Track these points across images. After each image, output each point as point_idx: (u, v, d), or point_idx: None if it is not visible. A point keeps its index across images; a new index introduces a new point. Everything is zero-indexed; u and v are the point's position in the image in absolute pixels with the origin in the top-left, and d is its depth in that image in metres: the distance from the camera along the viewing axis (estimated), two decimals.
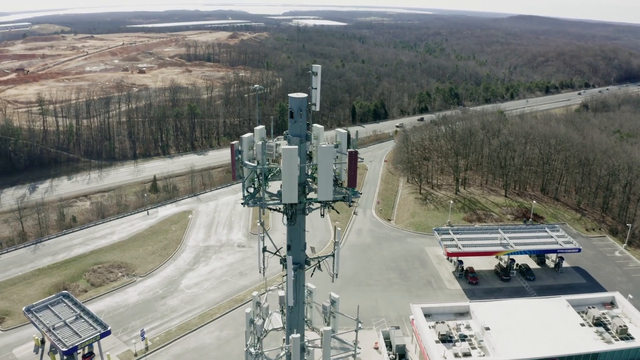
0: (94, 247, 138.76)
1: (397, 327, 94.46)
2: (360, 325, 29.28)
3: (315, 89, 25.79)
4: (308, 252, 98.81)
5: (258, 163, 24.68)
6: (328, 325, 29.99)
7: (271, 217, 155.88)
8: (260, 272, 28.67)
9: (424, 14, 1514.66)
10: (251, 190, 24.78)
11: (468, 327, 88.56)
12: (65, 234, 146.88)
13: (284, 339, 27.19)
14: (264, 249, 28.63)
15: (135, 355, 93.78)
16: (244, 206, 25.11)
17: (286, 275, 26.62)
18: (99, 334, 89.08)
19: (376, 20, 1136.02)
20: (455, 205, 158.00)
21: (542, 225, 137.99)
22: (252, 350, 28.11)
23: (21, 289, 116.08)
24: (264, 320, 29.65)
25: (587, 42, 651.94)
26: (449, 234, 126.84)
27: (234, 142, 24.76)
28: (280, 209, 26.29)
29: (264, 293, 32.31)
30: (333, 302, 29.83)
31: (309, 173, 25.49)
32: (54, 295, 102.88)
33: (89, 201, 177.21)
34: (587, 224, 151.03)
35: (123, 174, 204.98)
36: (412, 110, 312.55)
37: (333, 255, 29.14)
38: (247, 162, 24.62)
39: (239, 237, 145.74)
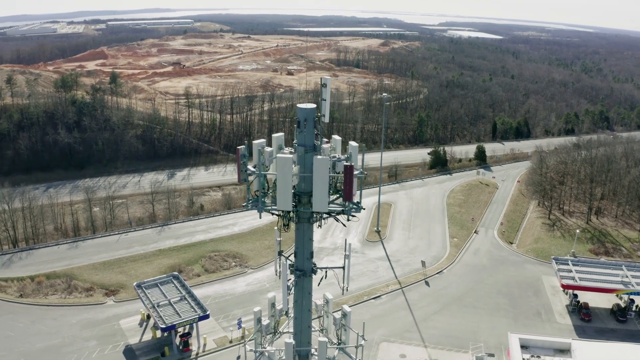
0: (214, 235, 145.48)
1: (492, 355, 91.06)
2: (362, 341, 28.83)
3: (325, 100, 26.01)
4: (417, 265, 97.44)
5: (267, 169, 25.42)
6: (339, 338, 29.90)
7: (389, 226, 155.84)
8: (276, 274, 29.23)
9: (584, 31, 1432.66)
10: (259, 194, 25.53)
11: None
12: (190, 220, 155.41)
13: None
14: (280, 253, 29.17)
15: (230, 342, 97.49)
16: (247, 208, 25.87)
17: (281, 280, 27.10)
18: (197, 316, 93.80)
19: (533, 35, 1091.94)
20: (583, 235, 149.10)
21: None
22: (248, 346, 28.94)
23: (140, 266, 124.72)
24: (277, 320, 30.21)
25: None
26: (568, 264, 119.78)
27: (240, 147, 25.66)
28: (281, 214, 26.72)
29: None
30: (344, 315, 29.77)
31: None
32: (165, 275, 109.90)
33: (220, 192, 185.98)
34: None
35: None
36: (557, 130, 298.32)
37: (343, 268, 29.10)
38: (249, 167, 25.42)
39: (354, 242, 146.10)
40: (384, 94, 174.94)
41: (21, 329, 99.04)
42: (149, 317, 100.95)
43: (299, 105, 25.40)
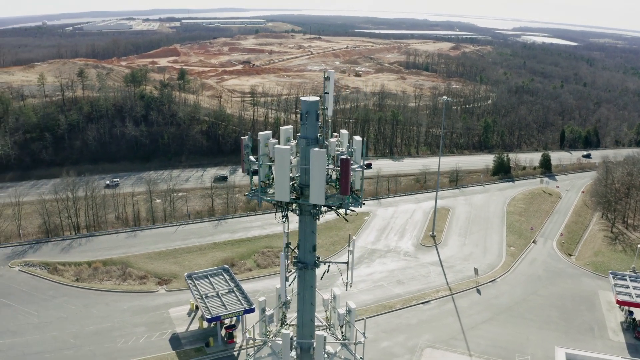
0: (269, 231, 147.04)
1: None
2: (363, 339, 28.67)
3: (328, 93, 26.16)
4: (470, 272, 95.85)
5: (271, 160, 25.92)
6: (344, 334, 29.93)
7: (445, 231, 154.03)
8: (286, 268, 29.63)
9: None
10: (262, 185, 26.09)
11: None
12: (247, 216, 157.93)
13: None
14: (287, 244, 29.56)
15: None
16: (247, 197, 26.40)
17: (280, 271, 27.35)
18: (242, 309, 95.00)
19: (609, 43, 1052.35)
20: None
21: None
22: (246, 334, 29.37)
23: (194, 258, 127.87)
24: (284, 311, 30.50)
25: None
26: (625, 279, 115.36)
27: (243, 137, 26.27)
28: (282, 205, 26.99)
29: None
30: (349, 311, 29.79)
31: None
32: (215, 267, 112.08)
33: None
34: None
35: None
36: (627, 141, 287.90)
37: (347, 264, 29.11)
38: (251, 157, 25.97)
39: (408, 246, 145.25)
40: (444, 97, 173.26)
41: (74, 311, 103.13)
42: (197, 307, 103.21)
43: (302, 98, 25.73)
